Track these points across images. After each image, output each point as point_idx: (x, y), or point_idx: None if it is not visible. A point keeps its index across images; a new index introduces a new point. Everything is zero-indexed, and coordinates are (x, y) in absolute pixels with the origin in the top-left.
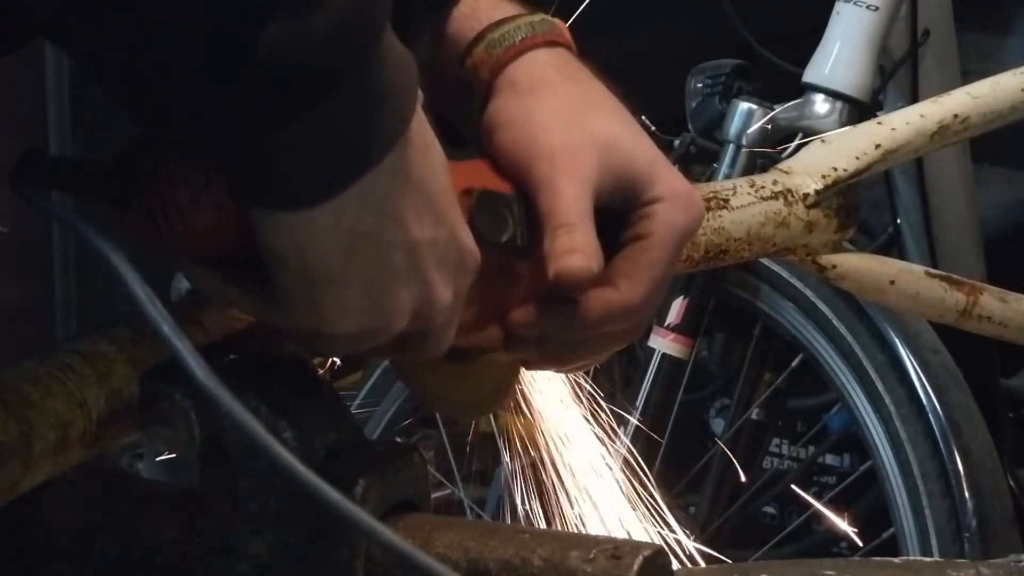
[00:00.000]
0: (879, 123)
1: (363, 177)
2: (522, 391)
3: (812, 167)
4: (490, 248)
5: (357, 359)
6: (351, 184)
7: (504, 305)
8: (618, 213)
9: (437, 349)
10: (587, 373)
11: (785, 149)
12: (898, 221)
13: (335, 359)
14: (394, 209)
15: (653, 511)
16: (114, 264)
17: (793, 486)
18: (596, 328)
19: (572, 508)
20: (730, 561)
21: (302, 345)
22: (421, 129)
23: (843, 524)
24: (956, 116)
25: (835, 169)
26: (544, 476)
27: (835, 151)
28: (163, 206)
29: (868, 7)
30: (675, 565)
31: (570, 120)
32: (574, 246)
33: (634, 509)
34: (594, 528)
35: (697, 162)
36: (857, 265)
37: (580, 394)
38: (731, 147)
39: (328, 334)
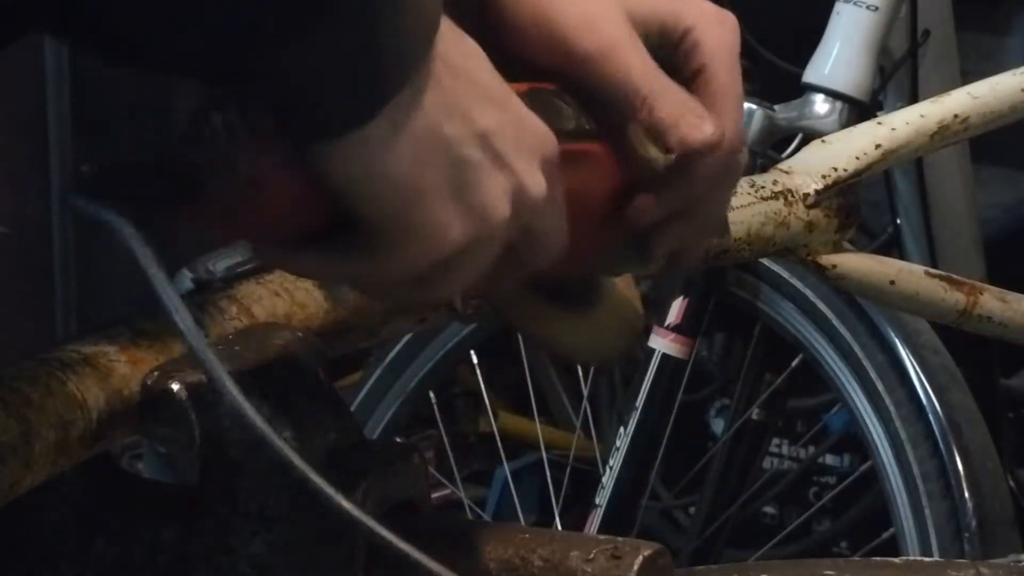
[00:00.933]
0: (879, 123)
1: (407, 82)
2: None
3: (812, 167)
4: (561, 140)
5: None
6: (397, 91)
7: (599, 207)
8: (659, 60)
9: (553, 248)
10: (586, 376)
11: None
12: (898, 221)
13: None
14: (448, 104)
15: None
16: (143, 266)
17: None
18: (710, 179)
19: None
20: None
21: (423, 292)
22: (448, 25)
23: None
24: (956, 116)
25: (835, 169)
26: None
27: (835, 151)
28: (235, 185)
29: (868, 7)
30: None
31: None
32: (687, 111)
33: None
34: None
35: None
36: (857, 265)
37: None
38: None
39: (437, 254)
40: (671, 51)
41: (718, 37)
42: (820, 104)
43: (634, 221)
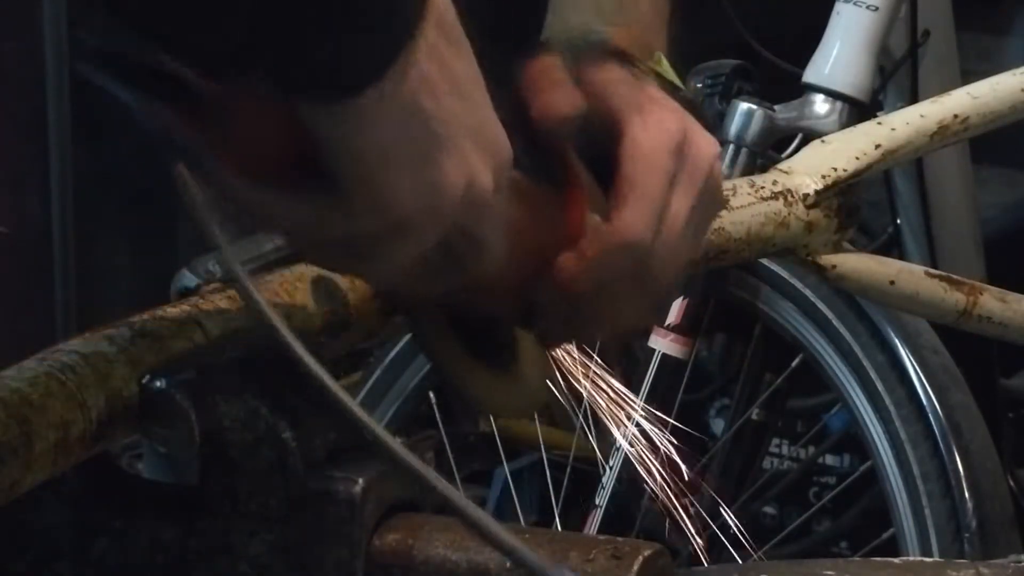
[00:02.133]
0: (879, 123)
1: (399, 58)
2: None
3: (812, 167)
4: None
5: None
6: (387, 69)
7: (534, 246)
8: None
9: (488, 258)
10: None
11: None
12: (898, 221)
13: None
14: (427, 82)
15: None
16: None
17: None
18: (601, 270)
19: None
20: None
21: (364, 259)
22: (444, 8)
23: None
24: (956, 116)
25: (835, 169)
26: None
27: (835, 151)
28: (221, 102)
29: (868, 7)
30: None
31: None
32: (556, 83)
33: None
34: None
35: None
36: (857, 265)
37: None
38: (731, 147)
39: (387, 213)
40: (604, 134)
41: (651, 137)
42: (820, 104)
43: (556, 278)
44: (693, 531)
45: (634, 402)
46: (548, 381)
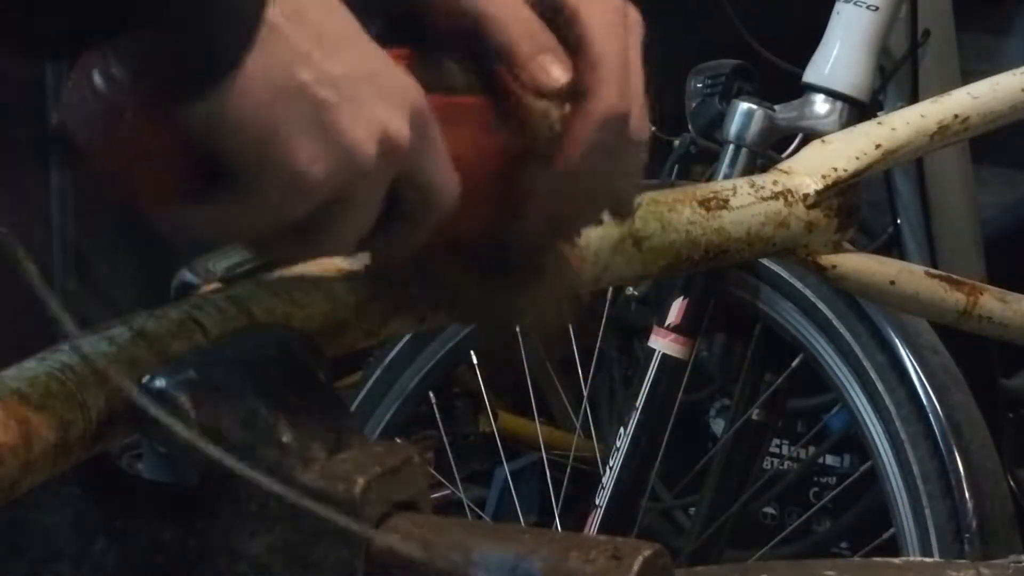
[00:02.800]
0: (879, 123)
1: (252, 37)
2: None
3: (812, 167)
4: (448, 96)
5: (380, 255)
6: (242, 53)
7: (493, 161)
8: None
9: (442, 198)
10: (586, 376)
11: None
12: (898, 221)
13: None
14: (295, 51)
15: None
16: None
17: None
18: (592, 147)
19: None
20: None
21: (309, 243)
22: None
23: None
24: (956, 116)
25: (835, 169)
26: None
27: (835, 151)
28: (111, 137)
29: (868, 7)
30: None
31: None
32: (542, 52)
33: None
34: None
35: (697, 162)
36: (857, 265)
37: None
38: (731, 147)
39: (304, 194)
40: (557, 21)
41: (599, 11)
42: (820, 104)
43: (518, 180)
44: None
45: None
46: (574, 286)
